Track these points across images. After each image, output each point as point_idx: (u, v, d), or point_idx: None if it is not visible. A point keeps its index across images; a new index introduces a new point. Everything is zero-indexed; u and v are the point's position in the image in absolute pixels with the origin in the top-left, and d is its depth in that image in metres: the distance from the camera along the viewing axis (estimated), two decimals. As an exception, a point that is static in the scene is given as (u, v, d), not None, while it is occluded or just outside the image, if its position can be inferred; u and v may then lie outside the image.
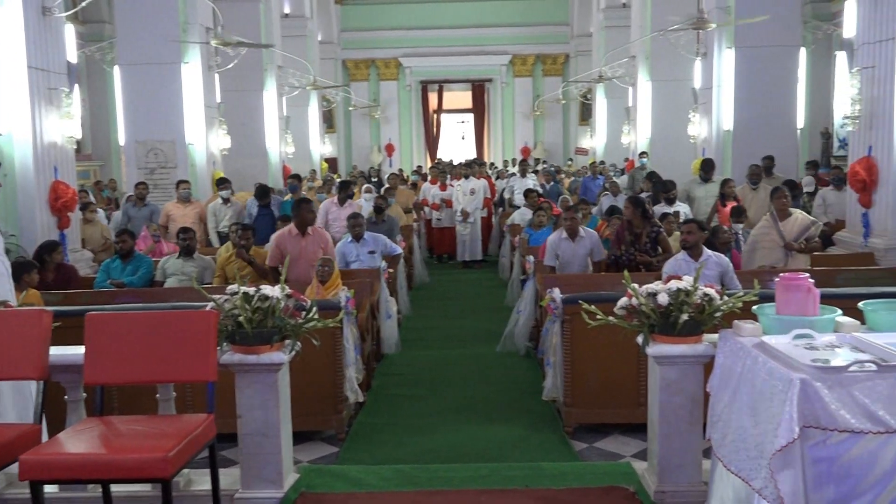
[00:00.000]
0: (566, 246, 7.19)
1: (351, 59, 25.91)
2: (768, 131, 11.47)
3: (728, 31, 11.67)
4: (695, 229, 6.03)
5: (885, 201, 7.45)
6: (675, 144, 14.47)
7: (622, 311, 3.81)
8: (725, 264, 6.02)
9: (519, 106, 26.03)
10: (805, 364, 2.85)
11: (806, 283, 3.37)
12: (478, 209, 12.94)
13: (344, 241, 8.07)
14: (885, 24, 7.32)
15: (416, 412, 5.96)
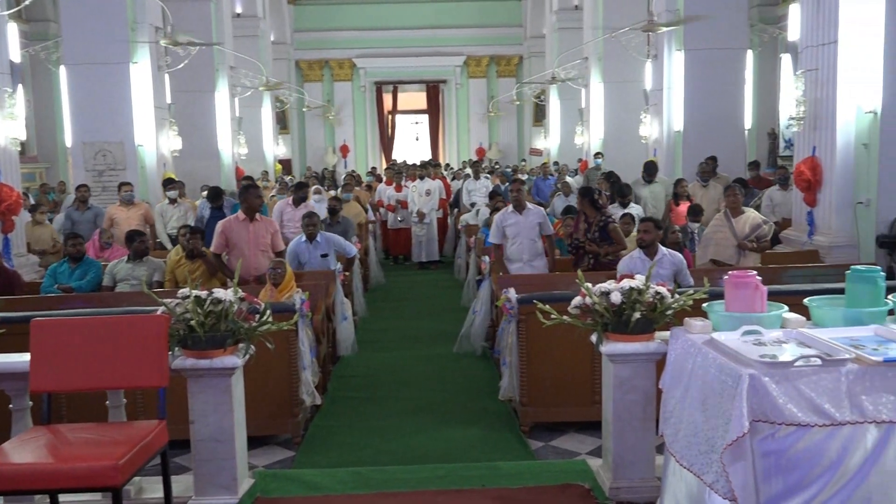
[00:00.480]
0: (513, 219, 7.24)
1: (304, 59, 25.71)
2: (717, 132, 11.70)
3: (677, 33, 11.87)
4: (651, 228, 6.10)
5: (829, 200, 7.66)
6: (627, 145, 14.67)
7: (576, 310, 3.85)
8: (679, 262, 6.12)
9: (473, 107, 26.10)
10: (753, 360, 2.91)
11: (753, 280, 3.44)
12: (433, 210, 12.94)
13: (297, 240, 7.96)
14: (827, 28, 7.52)
15: (372, 414, 5.93)
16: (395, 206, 13.25)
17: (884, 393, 2.84)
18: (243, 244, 6.79)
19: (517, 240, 7.18)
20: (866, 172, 7.35)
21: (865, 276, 3.43)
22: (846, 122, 7.43)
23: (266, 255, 6.87)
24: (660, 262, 6.00)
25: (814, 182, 7.74)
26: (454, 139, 26.36)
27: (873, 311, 3.37)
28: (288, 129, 25.01)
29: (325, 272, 7.48)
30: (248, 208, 6.89)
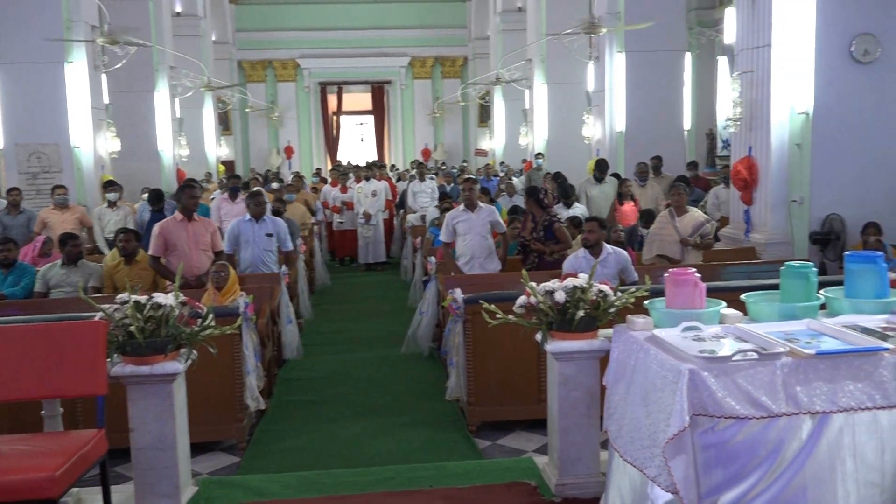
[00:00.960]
0: (465, 217, 7.27)
1: (247, 59, 25.36)
2: (658, 132, 11.95)
3: (618, 36, 12.08)
4: (595, 228, 6.17)
5: (765, 198, 7.87)
6: (570, 145, 14.86)
7: (521, 309, 3.88)
8: (624, 260, 6.21)
9: (419, 108, 26.10)
10: (693, 355, 2.97)
11: (693, 277, 3.52)
12: (380, 211, 12.90)
13: (240, 220, 7.71)
14: (761, 31, 7.74)
15: (319, 417, 5.88)
16: (341, 208, 13.17)
17: (817, 385, 2.92)
18: (183, 245, 6.67)
19: (468, 237, 7.22)
20: (799, 172, 7.58)
21: (798, 272, 3.54)
22: (780, 122, 7.66)
23: (207, 254, 6.75)
24: (604, 261, 6.08)
25: (750, 181, 7.95)
26: (399, 140, 26.32)
27: (806, 306, 3.48)
28: (231, 131, 24.64)
29: (270, 275, 7.39)
30: (183, 208, 6.78)
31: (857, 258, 3.60)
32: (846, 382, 2.93)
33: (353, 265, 13.36)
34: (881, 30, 7.24)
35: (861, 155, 7.39)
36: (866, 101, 7.33)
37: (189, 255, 6.60)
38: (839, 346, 3.05)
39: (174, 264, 6.58)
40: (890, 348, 2.99)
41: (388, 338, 8.19)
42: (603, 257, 6.08)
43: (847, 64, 7.28)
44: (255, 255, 7.58)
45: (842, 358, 2.95)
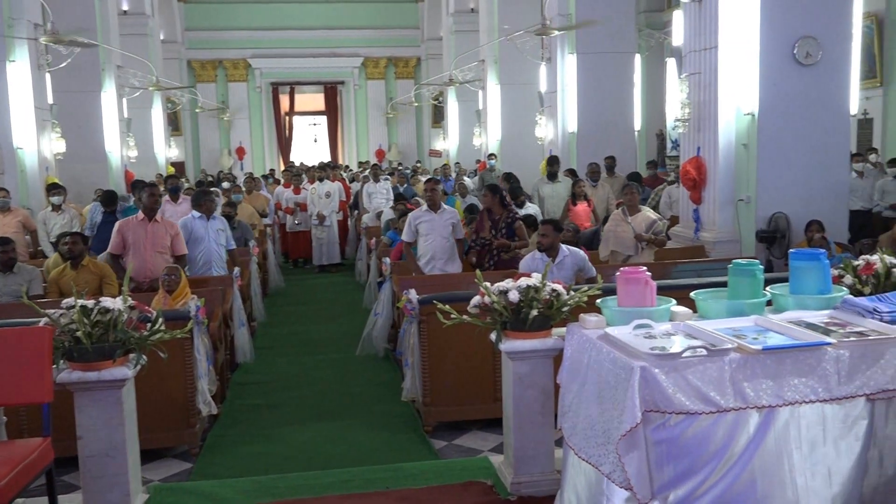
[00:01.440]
0: (427, 217, 7.26)
1: (197, 59, 24.98)
2: (609, 133, 12.11)
3: (569, 37, 12.21)
4: (550, 231, 6.19)
5: (713, 198, 8.03)
6: (523, 146, 14.96)
7: (475, 309, 3.89)
8: (581, 259, 6.24)
9: (372, 108, 26.02)
10: (644, 352, 3.01)
11: (643, 276, 3.57)
12: (333, 212, 12.82)
13: (191, 216, 7.64)
14: (708, 34, 7.89)
15: (274, 421, 5.82)
16: (294, 209, 13.05)
17: (763, 379, 2.99)
18: (139, 245, 6.55)
19: (429, 238, 7.21)
20: (746, 171, 7.75)
21: (745, 269, 3.62)
22: (727, 123, 7.82)
23: (164, 256, 6.64)
24: (561, 263, 6.11)
25: (699, 181, 8.10)
26: (353, 140, 26.20)
27: (753, 303, 3.55)
28: (181, 131, 24.25)
29: (222, 277, 7.29)
30: (144, 207, 6.66)
31: (801, 256, 3.69)
32: (791, 377, 3.01)
33: (307, 267, 13.26)
34: (822, 33, 7.44)
35: (804, 155, 7.58)
36: (809, 102, 7.52)
37: (144, 256, 6.48)
38: (784, 341, 3.13)
39: (130, 265, 6.47)
40: (833, 343, 3.08)
41: (343, 340, 8.14)
42: (559, 259, 6.12)
43: (790, 66, 7.46)
44: (210, 251, 7.50)
45: (787, 353, 3.03)
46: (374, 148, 25.89)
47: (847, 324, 3.34)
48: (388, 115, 25.66)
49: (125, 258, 6.58)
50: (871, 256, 3.98)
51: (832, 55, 7.49)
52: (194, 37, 24.69)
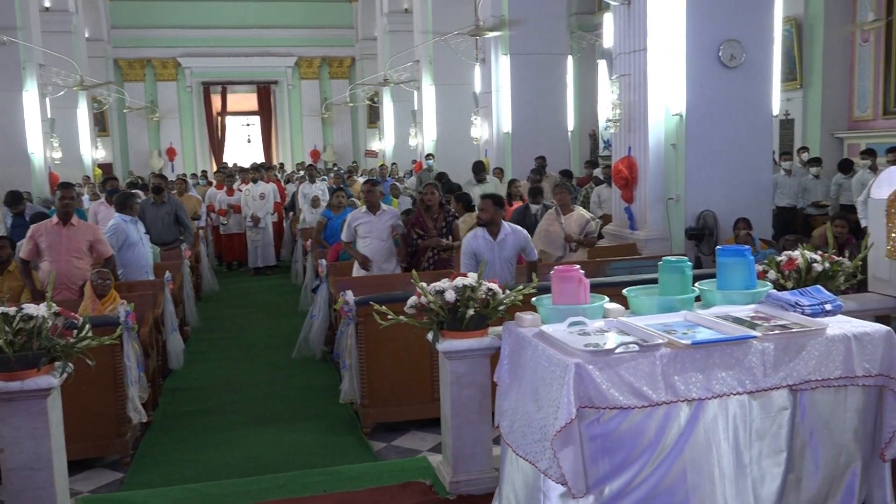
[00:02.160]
0: (366, 219, 7.17)
1: (124, 58, 24.30)
2: (543, 133, 12.26)
3: (503, 39, 12.31)
4: (489, 206, 6.15)
5: (644, 196, 8.21)
6: (459, 146, 15.03)
7: (412, 309, 3.89)
8: (524, 239, 6.22)
9: (307, 108, 25.77)
10: (579, 349, 3.06)
11: (577, 274, 3.62)
12: (268, 214, 12.65)
13: (121, 220, 7.36)
14: (637, 36, 8.07)
15: (208, 427, 5.71)
16: (228, 211, 12.83)
17: (693, 373, 3.07)
18: (56, 250, 6.30)
19: (368, 240, 7.12)
20: (675, 170, 7.94)
21: (674, 266, 3.71)
22: (656, 123, 8.01)
23: (83, 261, 6.40)
24: (503, 241, 6.09)
25: (630, 179, 8.27)
26: (288, 141, 25.90)
27: (683, 299, 3.64)
28: (108, 132, 23.55)
29: (153, 282, 7.11)
30: (58, 212, 6.41)
31: (728, 252, 3.80)
32: (719, 370, 3.10)
33: (242, 269, 13.07)
34: (745, 36, 7.67)
35: (730, 154, 7.81)
36: (734, 103, 7.75)
37: (60, 262, 6.24)
38: (712, 335, 3.21)
39: (45, 271, 6.22)
40: (758, 336, 3.18)
41: (280, 343, 8.04)
42: (501, 237, 6.12)
43: (715, 68, 7.68)
44: (142, 254, 7.31)
45: (715, 347, 3.11)
46: (309, 148, 25.64)
47: (771, 317, 3.45)
48: (322, 115, 25.44)
49: (40, 263, 6.32)
50: (793, 252, 4.12)
51: (755, 58, 7.74)
52: (121, 35, 24.01)
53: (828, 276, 4.01)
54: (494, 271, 5.99)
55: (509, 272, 6.09)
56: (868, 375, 3.23)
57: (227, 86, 25.50)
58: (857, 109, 12.78)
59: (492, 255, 6.01)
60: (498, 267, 6.01)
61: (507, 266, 6.08)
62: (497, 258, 6.03)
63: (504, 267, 6.05)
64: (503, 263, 6.05)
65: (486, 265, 6.04)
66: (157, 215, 9.52)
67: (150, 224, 8.61)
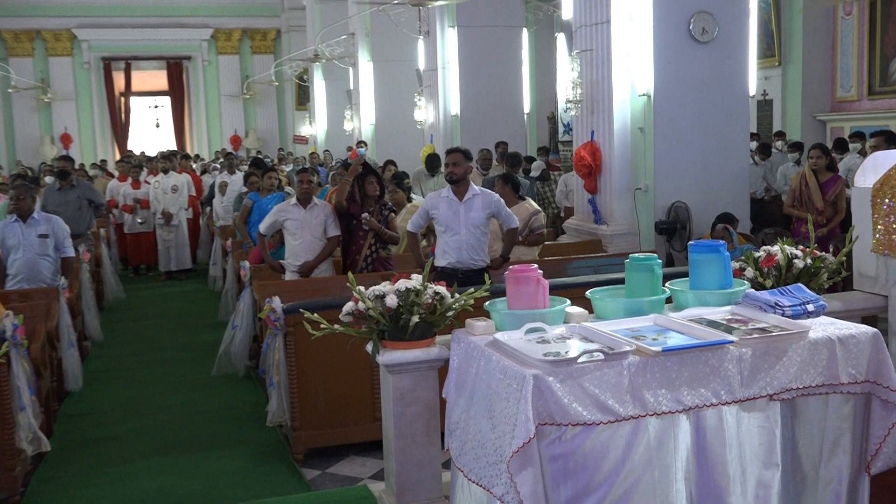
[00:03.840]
0: (296, 214, 7.05)
1: (8, 28, 23.65)
2: (496, 116, 12.34)
3: (450, 9, 12.34)
4: (461, 160, 6.14)
5: (609, 186, 8.33)
6: (401, 130, 15.04)
7: (348, 317, 3.87)
8: (495, 203, 6.21)
9: (225, 88, 25.48)
10: (537, 359, 3.08)
11: (535, 274, 3.65)
12: (182, 210, 12.49)
13: (5, 221, 7.33)
14: (600, 8, 8.17)
15: (113, 457, 5.63)
16: (134, 207, 12.62)
17: (663, 384, 3.12)
18: None
19: (298, 237, 7.03)
20: (643, 157, 8.08)
21: (642, 264, 3.76)
22: (622, 104, 8.14)
23: None
24: (469, 202, 6.12)
25: (594, 168, 8.38)
26: (203, 126, 25.61)
27: (652, 300, 3.70)
28: (-11, 115, 22.94)
29: (46, 290, 6.96)
30: None
31: (701, 248, 3.87)
32: (692, 380, 3.15)
33: (151, 274, 12.96)
34: (718, 8, 7.84)
35: (703, 139, 7.97)
36: (706, 82, 7.91)
37: None
38: (685, 341, 3.27)
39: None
40: (735, 341, 3.25)
41: (196, 358, 7.98)
42: (468, 197, 6.12)
43: (686, 43, 7.83)
44: (28, 260, 7.14)
45: (688, 354, 3.17)
46: (228, 134, 25.36)
47: (749, 320, 3.53)
48: (244, 95, 25.15)
49: None
50: (772, 248, 4.22)
51: (729, 32, 7.90)
52: (5, 2, 23.35)
53: (810, 274, 4.11)
54: (460, 238, 6.02)
55: (477, 241, 6.12)
56: (854, 382, 3.33)
57: (131, 62, 25.04)
58: (841, 89, 13.17)
59: (456, 218, 6.04)
60: (464, 232, 6.05)
61: (475, 232, 6.12)
62: (462, 222, 6.05)
63: (471, 233, 6.09)
64: (470, 228, 6.09)
65: (447, 235, 6.05)
66: (65, 202, 9.37)
67: (56, 214, 8.40)
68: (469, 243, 6.08)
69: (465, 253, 6.11)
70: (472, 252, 6.12)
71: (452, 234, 6.09)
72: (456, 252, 6.12)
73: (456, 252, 6.12)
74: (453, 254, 6.12)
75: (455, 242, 6.11)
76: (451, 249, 6.12)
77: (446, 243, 6.14)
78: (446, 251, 6.14)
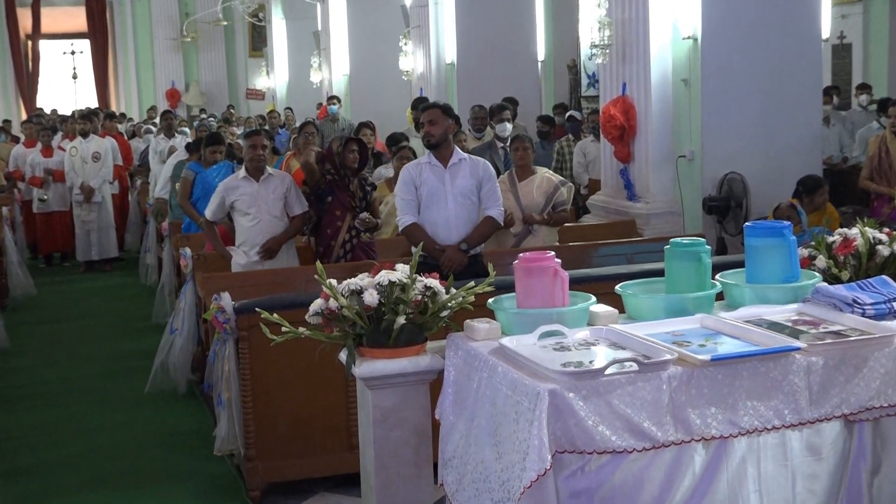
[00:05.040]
0: (247, 188, 6.96)
1: None
2: (502, 64, 12.29)
3: (443, -73, 12.31)
4: (439, 117, 6.13)
5: (645, 153, 8.32)
6: (382, 83, 15.00)
7: (317, 318, 3.87)
8: (484, 169, 6.24)
9: (160, 30, 25.40)
10: (555, 370, 3.09)
11: (552, 264, 3.65)
12: (106, 183, 12.48)
13: None
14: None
15: (25, 493, 5.66)
16: (45, 179, 12.59)
17: (712, 402, 3.13)
18: None
19: (251, 217, 6.94)
20: (688, 116, 8.07)
21: (687, 251, 3.77)
22: (661, 50, 8.13)
23: None
24: (455, 168, 6.14)
25: (627, 129, 8.36)
26: (132, 77, 25.59)
27: (698, 297, 3.71)
28: None
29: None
30: None
31: (760, 231, 3.88)
32: (749, 396, 3.16)
33: (68, 265, 12.96)
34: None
35: (763, 93, 7.96)
36: (768, 22, 7.89)
37: None
38: (740, 347, 3.28)
39: None
40: (803, 348, 3.26)
41: (126, 371, 8.00)
42: (453, 162, 6.15)
43: (743, -28, 7.83)
44: None
45: (743, 364, 3.18)
46: (163, 88, 25.32)
47: (820, 321, 3.54)
48: (184, 39, 25.09)
49: None
50: (850, 231, 4.22)
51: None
52: None
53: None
54: (446, 210, 6.05)
55: (466, 214, 6.17)
56: (954, 400, 3.34)
57: (40, -4, 25.05)
58: (939, 30, 13.12)
59: (441, 187, 6.07)
60: (451, 205, 6.09)
61: (464, 203, 6.16)
62: (449, 193, 6.08)
63: (458, 205, 6.13)
64: (458, 199, 6.13)
65: (432, 210, 6.07)
66: None
67: None
68: (460, 218, 6.10)
69: (454, 231, 6.12)
70: (463, 230, 6.14)
71: (439, 208, 6.11)
72: (444, 230, 6.12)
73: (444, 230, 6.12)
74: (440, 233, 6.13)
75: (442, 218, 6.12)
76: (439, 228, 6.13)
77: (431, 221, 6.15)
78: (432, 232, 6.14)
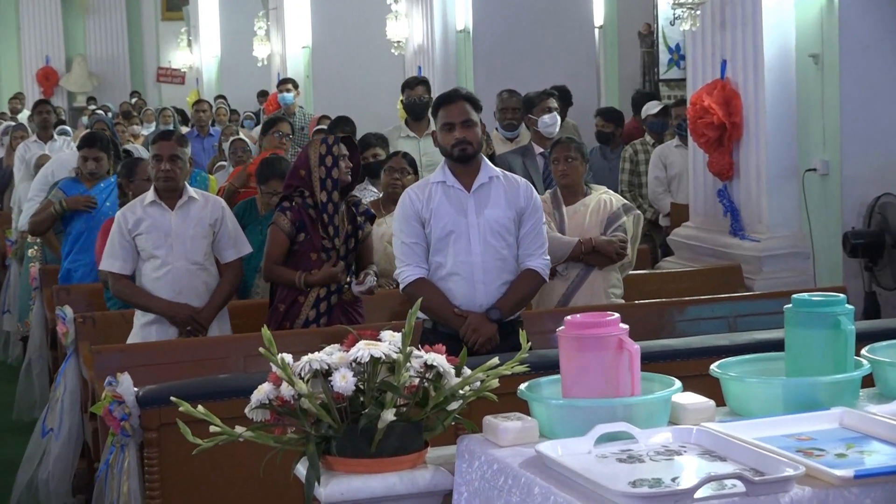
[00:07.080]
0: (157, 215, 6.97)
1: None
2: (541, 32, 12.36)
3: None
4: (472, 114, 6.04)
5: (756, 165, 8.32)
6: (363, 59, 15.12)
7: (262, 412, 3.88)
8: (527, 199, 6.17)
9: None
10: (620, 492, 3.10)
11: (616, 330, 3.67)
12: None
13: None
14: None
15: None
16: None
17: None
18: None
19: (161, 262, 6.98)
20: (820, 111, 8.09)
21: (818, 313, 3.77)
22: (780, 14, 8.14)
23: None
24: (483, 191, 6.07)
25: (729, 129, 8.34)
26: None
27: (836, 383, 3.71)
28: None
29: None
30: None
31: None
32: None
33: None
34: None
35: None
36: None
37: None
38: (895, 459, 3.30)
39: None
40: None
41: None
42: (480, 182, 6.07)
43: None
44: None
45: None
46: (34, 66, 25.54)
47: None
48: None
49: None
50: None
51: None
52: None
53: None
54: (469, 256, 5.96)
55: (500, 263, 6.14)
56: None
57: None
58: None
59: (463, 221, 5.98)
60: (477, 248, 6.00)
61: (496, 246, 6.11)
62: (474, 229, 6.00)
63: (487, 249, 6.07)
64: (487, 240, 6.06)
65: (448, 252, 6.05)
66: None
67: None
68: (490, 269, 6.04)
69: (480, 289, 6.06)
70: (494, 288, 6.09)
71: (458, 252, 6.04)
72: (466, 287, 6.07)
73: (466, 287, 6.07)
74: (460, 292, 6.07)
75: (464, 269, 6.06)
76: (458, 284, 6.09)
77: (447, 274, 6.09)
78: (449, 289, 6.09)
